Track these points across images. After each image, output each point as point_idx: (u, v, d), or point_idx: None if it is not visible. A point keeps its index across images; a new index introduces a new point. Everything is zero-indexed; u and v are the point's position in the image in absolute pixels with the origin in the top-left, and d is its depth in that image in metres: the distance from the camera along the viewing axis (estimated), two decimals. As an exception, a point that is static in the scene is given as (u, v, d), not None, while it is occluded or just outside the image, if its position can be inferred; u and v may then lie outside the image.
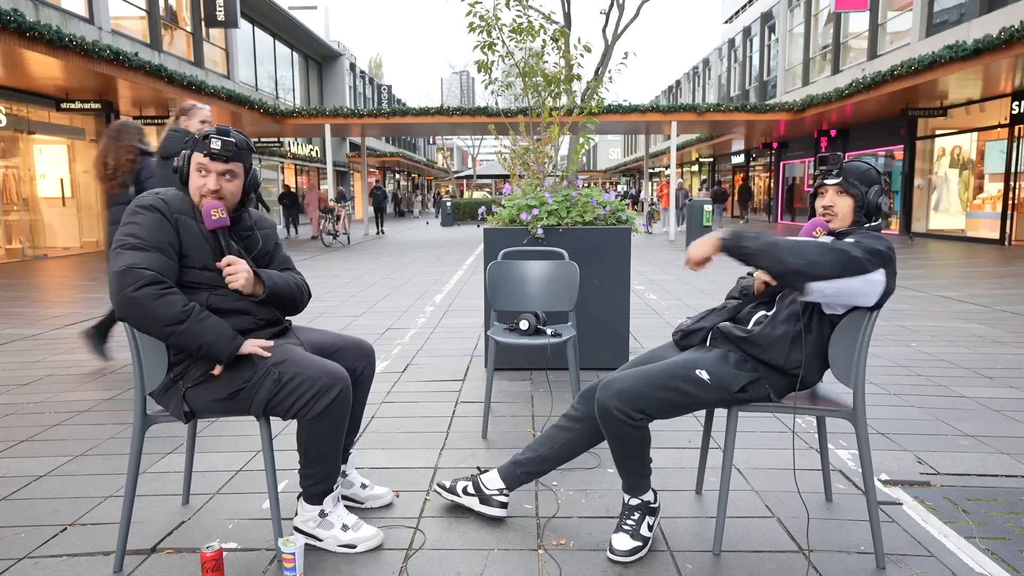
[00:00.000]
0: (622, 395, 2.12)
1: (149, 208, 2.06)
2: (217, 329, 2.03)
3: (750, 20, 30.00)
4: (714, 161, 37.18)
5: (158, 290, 1.95)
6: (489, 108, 17.95)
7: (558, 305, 3.51)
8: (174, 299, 1.97)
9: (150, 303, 1.93)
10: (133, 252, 1.97)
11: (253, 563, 2.19)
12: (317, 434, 2.13)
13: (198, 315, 2.00)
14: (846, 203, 2.19)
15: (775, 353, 2.13)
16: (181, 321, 1.96)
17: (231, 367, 2.10)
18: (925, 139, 17.77)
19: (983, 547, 2.26)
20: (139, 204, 2.08)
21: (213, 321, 2.03)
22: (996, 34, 10.80)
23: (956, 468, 2.92)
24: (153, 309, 1.93)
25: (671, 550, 2.26)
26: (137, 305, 1.93)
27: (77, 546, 2.29)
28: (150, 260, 1.98)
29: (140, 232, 2.01)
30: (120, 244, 2.00)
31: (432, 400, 3.95)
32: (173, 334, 1.97)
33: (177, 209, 2.12)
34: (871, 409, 3.68)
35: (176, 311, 1.96)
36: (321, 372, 2.10)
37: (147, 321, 1.95)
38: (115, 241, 2.02)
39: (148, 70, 12.28)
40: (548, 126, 5.11)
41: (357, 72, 36.45)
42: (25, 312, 7.12)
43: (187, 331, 1.97)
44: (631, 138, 54.81)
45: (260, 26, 24.71)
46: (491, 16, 5.17)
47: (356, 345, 2.46)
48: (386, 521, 2.45)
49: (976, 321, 6.21)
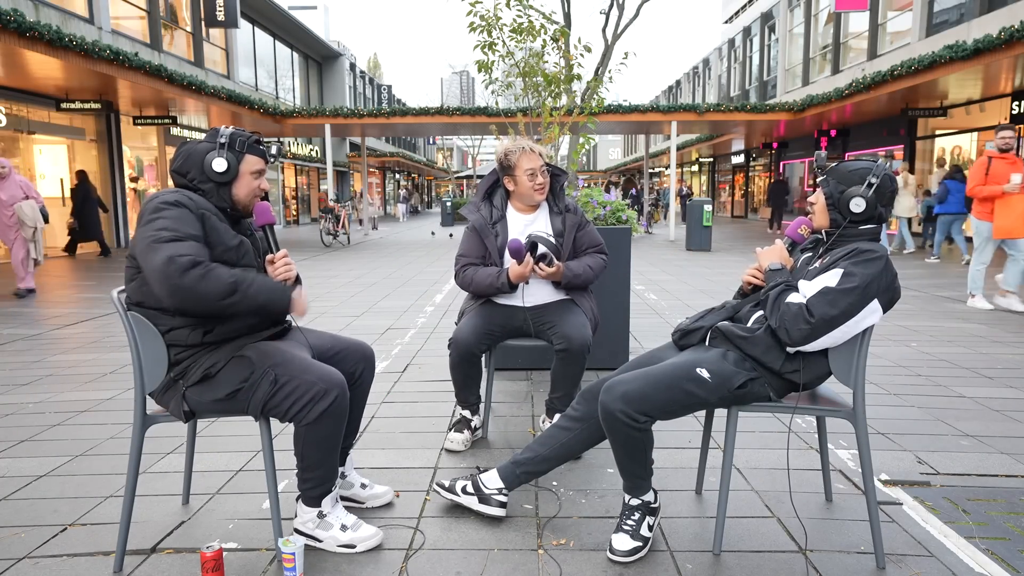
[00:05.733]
0: (627, 398, 2.11)
1: (175, 204, 2.06)
2: (268, 288, 2.08)
3: (750, 20, 30.00)
4: (714, 161, 37.18)
5: (201, 270, 1.96)
6: (489, 108, 17.93)
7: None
8: (219, 273, 1.98)
9: (198, 285, 1.94)
10: (169, 243, 1.97)
11: (253, 563, 2.19)
12: (313, 439, 2.13)
13: (245, 282, 2.02)
14: (821, 200, 2.23)
15: (772, 357, 2.13)
16: (233, 292, 1.99)
17: (229, 368, 2.11)
18: (925, 139, 17.76)
19: (983, 547, 2.26)
20: (164, 201, 2.06)
21: (260, 281, 2.07)
22: (996, 34, 10.79)
23: (956, 468, 2.92)
24: (203, 289, 1.95)
25: (671, 550, 2.26)
26: (187, 290, 1.94)
27: (77, 546, 2.29)
28: (187, 247, 1.98)
29: (171, 225, 2.01)
30: (153, 239, 1.98)
31: (432, 400, 3.95)
32: (230, 306, 2.00)
33: (202, 206, 2.12)
34: (871, 409, 3.68)
35: (225, 285, 1.97)
36: (318, 377, 2.10)
37: (201, 302, 1.97)
38: (145, 238, 2.00)
39: (148, 70, 12.27)
40: (548, 126, 5.11)
41: (357, 72, 36.46)
42: (25, 312, 7.12)
43: (242, 300, 2.01)
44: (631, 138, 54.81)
45: (260, 26, 24.71)
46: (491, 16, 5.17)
47: (356, 347, 2.46)
48: (386, 521, 2.45)
49: (976, 321, 6.21)
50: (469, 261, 3.17)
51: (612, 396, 2.14)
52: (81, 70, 11.17)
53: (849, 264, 2.07)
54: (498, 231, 3.15)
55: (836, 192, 2.18)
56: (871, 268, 2.04)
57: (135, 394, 2.14)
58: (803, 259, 2.30)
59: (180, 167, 2.19)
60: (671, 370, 2.16)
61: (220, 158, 2.15)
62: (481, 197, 3.26)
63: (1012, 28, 10.50)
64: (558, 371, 3.03)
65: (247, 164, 2.21)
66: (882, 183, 2.13)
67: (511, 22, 5.17)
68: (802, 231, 2.35)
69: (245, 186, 2.22)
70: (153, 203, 2.06)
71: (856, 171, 2.17)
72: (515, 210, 3.21)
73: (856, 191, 2.13)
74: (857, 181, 2.15)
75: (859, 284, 2.02)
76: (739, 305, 2.35)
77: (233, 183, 2.20)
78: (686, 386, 2.12)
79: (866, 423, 2.19)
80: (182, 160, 2.19)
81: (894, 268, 2.09)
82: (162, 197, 2.08)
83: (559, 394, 3.07)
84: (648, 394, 2.11)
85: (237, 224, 2.27)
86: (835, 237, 2.20)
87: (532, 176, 3.08)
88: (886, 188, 2.14)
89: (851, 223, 2.17)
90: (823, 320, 2.03)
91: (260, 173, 2.25)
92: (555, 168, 3.24)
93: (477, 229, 3.16)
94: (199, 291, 1.94)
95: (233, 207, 2.22)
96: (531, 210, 3.21)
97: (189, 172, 2.18)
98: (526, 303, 3.11)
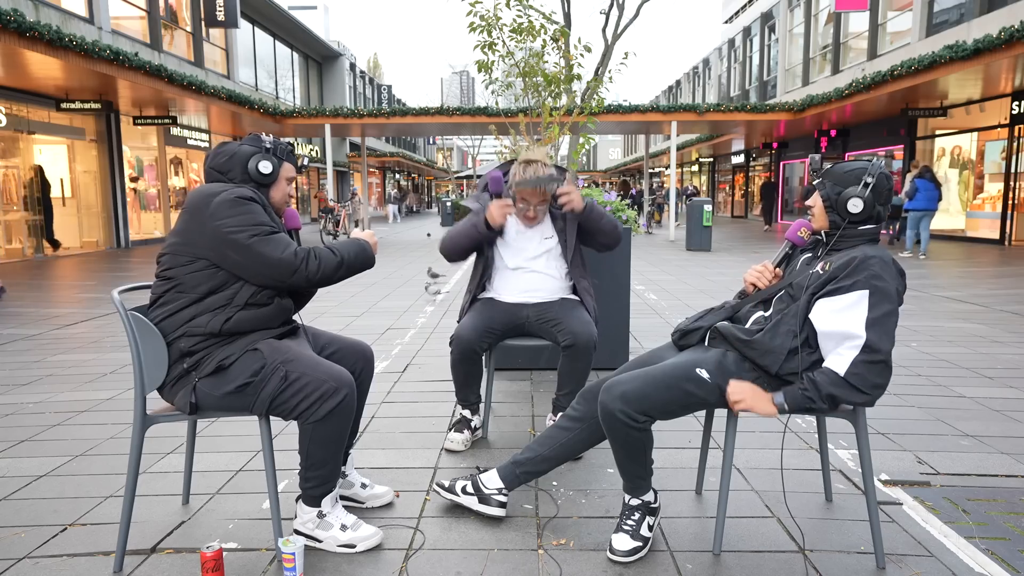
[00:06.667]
0: (626, 397, 2.12)
1: (251, 199, 2.16)
2: (355, 249, 2.32)
3: (750, 20, 29.99)
4: (714, 161, 37.18)
5: (315, 256, 2.19)
6: (489, 108, 17.92)
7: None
8: (323, 253, 2.22)
9: (321, 268, 2.20)
10: (274, 236, 2.14)
11: (253, 563, 2.19)
12: (320, 437, 2.14)
13: (341, 255, 2.26)
14: (819, 203, 2.22)
15: (771, 360, 2.13)
16: (341, 264, 2.25)
17: (242, 361, 2.12)
18: (925, 139, 17.76)
19: (983, 547, 2.26)
20: (242, 196, 2.14)
21: (345, 246, 2.30)
22: (996, 34, 10.79)
23: (956, 468, 2.92)
24: (325, 270, 2.21)
25: (671, 550, 2.26)
26: (314, 274, 2.19)
27: (77, 546, 2.29)
28: (286, 239, 2.18)
29: (261, 219, 2.15)
30: (255, 232, 2.11)
31: (432, 400, 3.95)
32: (341, 276, 2.27)
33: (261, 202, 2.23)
34: (871, 409, 3.68)
35: (335, 261, 2.24)
36: (328, 375, 2.12)
37: (324, 281, 2.23)
38: (240, 229, 2.09)
39: (148, 70, 12.27)
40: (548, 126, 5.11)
41: (357, 72, 36.47)
42: (25, 312, 7.12)
43: (347, 264, 2.27)
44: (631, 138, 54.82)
45: (260, 26, 24.71)
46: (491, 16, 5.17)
47: (354, 347, 2.47)
48: (386, 521, 2.45)
49: (976, 321, 6.21)
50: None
51: (611, 396, 2.14)
52: (81, 70, 11.18)
53: (866, 279, 2.02)
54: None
55: (833, 194, 2.17)
56: (888, 277, 2.03)
57: (135, 394, 2.14)
58: (803, 259, 2.29)
59: (222, 165, 2.25)
60: (671, 370, 2.16)
61: (266, 161, 2.27)
62: (482, 189, 3.27)
63: (1012, 28, 10.50)
64: (565, 368, 3.03)
65: (285, 170, 2.35)
66: (878, 182, 2.13)
67: (511, 22, 5.17)
68: (802, 234, 2.35)
69: (280, 190, 2.35)
70: (229, 196, 2.13)
71: (852, 172, 2.17)
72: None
73: (853, 192, 2.13)
74: (853, 182, 2.15)
75: (892, 300, 2.02)
76: (738, 305, 2.35)
77: (272, 185, 2.31)
78: (685, 386, 2.12)
79: (866, 423, 2.19)
80: (226, 159, 2.25)
81: (898, 263, 2.09)
82: (237, 192, 2.15)
83: (566, 391, 3.06)
84: (648, 394, 2.12)
85: None
86: (835, 238, 2.20)
87: (526, 207, 3.08)
88: (883, 187, 2.13)
89: (850, 224, 2.17)
90: (889, 351, 2.01)
91: (291, 180, 2.40)
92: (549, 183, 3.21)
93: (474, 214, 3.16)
94: (324, 272, 2.20)
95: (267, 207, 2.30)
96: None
97: (231, 171, 2.25)
98: (528, 300, 3.11)
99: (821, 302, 2.09)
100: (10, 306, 7.49)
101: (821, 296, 2.09)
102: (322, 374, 2.12)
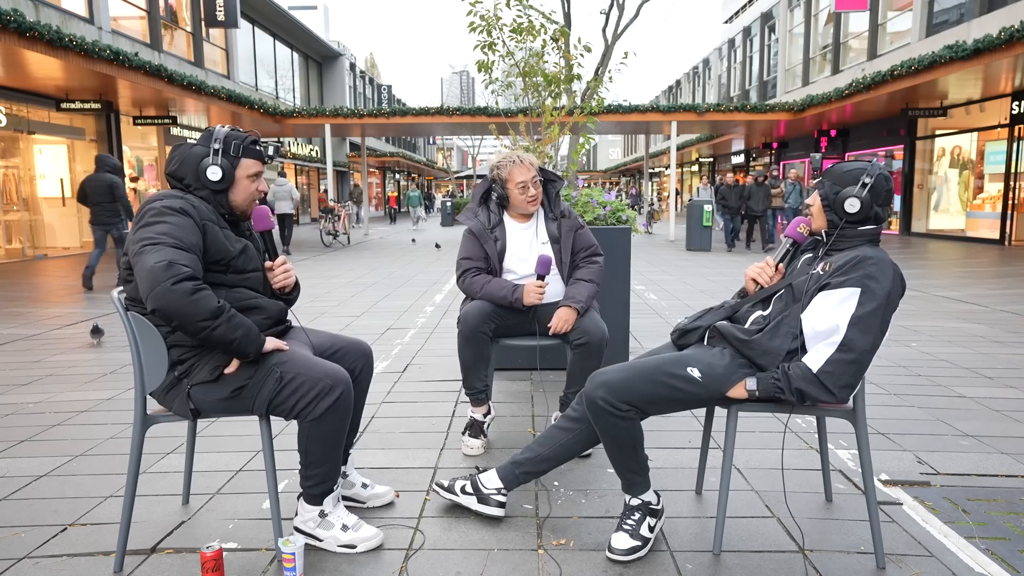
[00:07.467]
0: (608, 386, 2.14)
1: (180, 211, 2.02)
2: (246, 327, 2.02)
3: (750, 20, 29.99)
4: (714, 161, 37.17)
5: (194, 286, 1.92)
6: (489, 108, 17.93)
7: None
8: (209, 296, 1.95)
9: (188, 298, 1.90)
10: (172, 249, 1.94)
11: (253, 563, 2.19)
12: (318, 435, 2.13)
13: (230, 313, 1.99)
14: (818, 203, 2.23)
15: (768, 361, 2.13)
16: (215, 317, 1.94)
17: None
18: (925, 139, 17.76)
19: (983, 547, 2.26)
20: (168, 206, 2.02)
21: (241, 319, 2.02)
22: (996, 34, 10.80)
23: (956, 468, 2.92)
24: (190, 304, 1.90)
25: (671, 550, 2.26)
26: (176, 299, 1.89)
27: (77, 546, 2.29)
28: (188, 259, 1.96)
29: (176, 232, 1.98)
30: (153, 241, 1.95)
31: (432, 400, 3.95)
32: (206, 329, 1.94)
33: (204, 215, 2.09)
34: (871, 409, 3.68)
35: (212, 307, 1.94)
36: (323, 374, 2.11)
37: (182, 315, 1.91)
38: (143, 239, 1.96)
39: (148, 70, 12.27)
40: (548, 126, 5.11)
41: (357, 72, 36.47)
42: (25, 312, 7.12)
43: (220, 328, 1.95)
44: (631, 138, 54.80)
45: (260, 26, 24.71)
46: (491, 16, 5.17)
47: (354, 346, 2.46)
48: (386, 521, 2.45)
49: (976, 321, 6.21)
50: (474, 264, 3.16)
51: (594, 384, 2.18)
52: (81, 70, 11.17)
53: (859, 278, 2.03)
54: (497, 235, 3.15)
55: (831, 193, 2.18)
56: (883, 279, 2.03)
57: (135, 394, 2.14)
58: (804, 259, 2.30)
59: (175, 171, 2.15)
60: (658, 364, 2.17)
61: (215, 166, 2.11)
62: (478, 202, 3.25)
63: (1012, 28, 10.51)
64: (575, 366, 3.02)
65: (243, 168, 2.18)
66: (876, 183, 2.12)
67: (511, 22, 5.17)
68: (801, 230, 2.36)
69: (242, 191, 2.19)
70: (157, 205, 2.02)
71: (850, 172, 2.17)
72: (511, 218, 3.21)
73: (851, 192, 2.13)
74: (851, 182, 2.15)
75: (880, 302, 2.01)
76: (738, 305, 2.35)
77: (230, 189, 2.17)
78: (672, 381, 2.13)
79: (866, 423, 2.19)
80: (177, 164, 2.15)
81: (897, 267, 2.09)
82: (167, 201, 2.03)
83: (575, 389, 3.05)
84: (631, 385, 2.13)
85: (236, 227, 2.26)
86: (834, 238, 2.20)
87: (523, 189, 3.08)
88: (881, 188, 2.13)
89: (849, 224, 2.17)
90: (865, 351, 2.01)
91: (257, 175, 2.22)
92: (549, 174, 3.23)
93: (476, 234, 3.16)
94: (185, 305, 1.90)
95: (231, 212, 2.20)
96: (526, 218, 3.21)
97: (184, 177, 2.15)
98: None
99: (815, 298, 2.11)
100: (10, 306, 7.49)
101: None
102: (317, 373, 2.11)
